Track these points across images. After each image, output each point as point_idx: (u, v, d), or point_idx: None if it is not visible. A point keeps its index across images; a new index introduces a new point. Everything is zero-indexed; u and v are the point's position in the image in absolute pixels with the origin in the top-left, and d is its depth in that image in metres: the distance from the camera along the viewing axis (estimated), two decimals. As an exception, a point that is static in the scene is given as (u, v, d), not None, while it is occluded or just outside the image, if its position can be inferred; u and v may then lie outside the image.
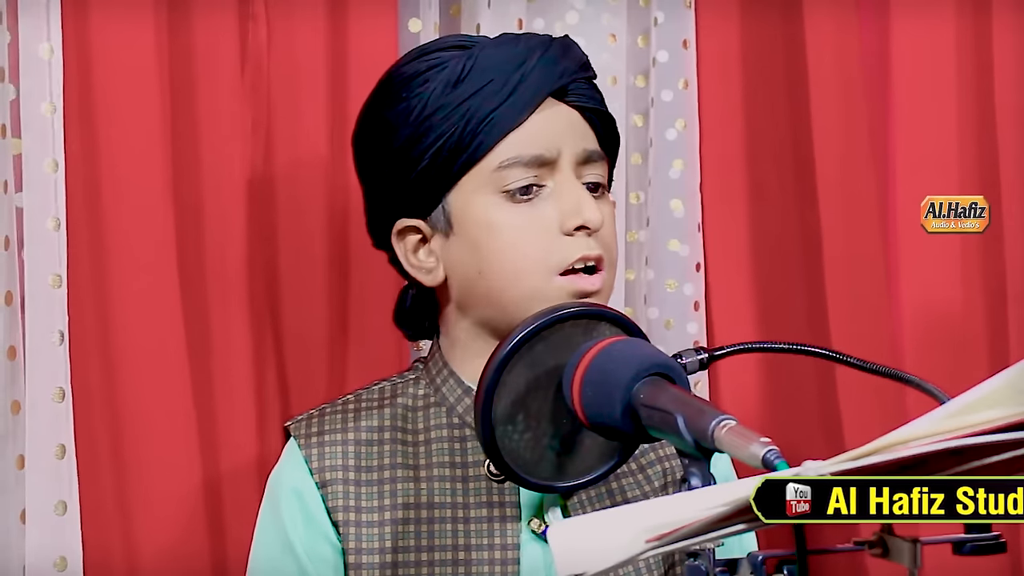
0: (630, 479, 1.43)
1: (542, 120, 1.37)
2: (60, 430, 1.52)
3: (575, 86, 1.41)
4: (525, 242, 1.35)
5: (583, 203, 1.36)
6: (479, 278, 1.37)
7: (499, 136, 1.35)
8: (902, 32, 1.95)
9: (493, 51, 1.38)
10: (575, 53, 1.44)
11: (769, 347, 1.24)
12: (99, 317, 1.60)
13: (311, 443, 1.39)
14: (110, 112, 1.60)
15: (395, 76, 1.41)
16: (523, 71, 1.37)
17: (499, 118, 1.35)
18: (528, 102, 1.36)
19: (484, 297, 1.37)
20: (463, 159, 1.35)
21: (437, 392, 1.42)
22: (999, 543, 0.91)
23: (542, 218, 1.35)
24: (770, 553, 0.88)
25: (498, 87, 1.36)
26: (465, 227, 1.37)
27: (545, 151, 1.36)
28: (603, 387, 1.05)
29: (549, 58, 1.39)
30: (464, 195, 1.37)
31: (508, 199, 1.36)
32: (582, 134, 1.40)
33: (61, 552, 1.51)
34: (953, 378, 1.80)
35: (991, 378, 0.79)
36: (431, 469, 1.39)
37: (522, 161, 1.35)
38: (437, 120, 1.35)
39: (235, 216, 1.68)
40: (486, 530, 1.37)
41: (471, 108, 1.35)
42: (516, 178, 1.35)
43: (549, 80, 1.38)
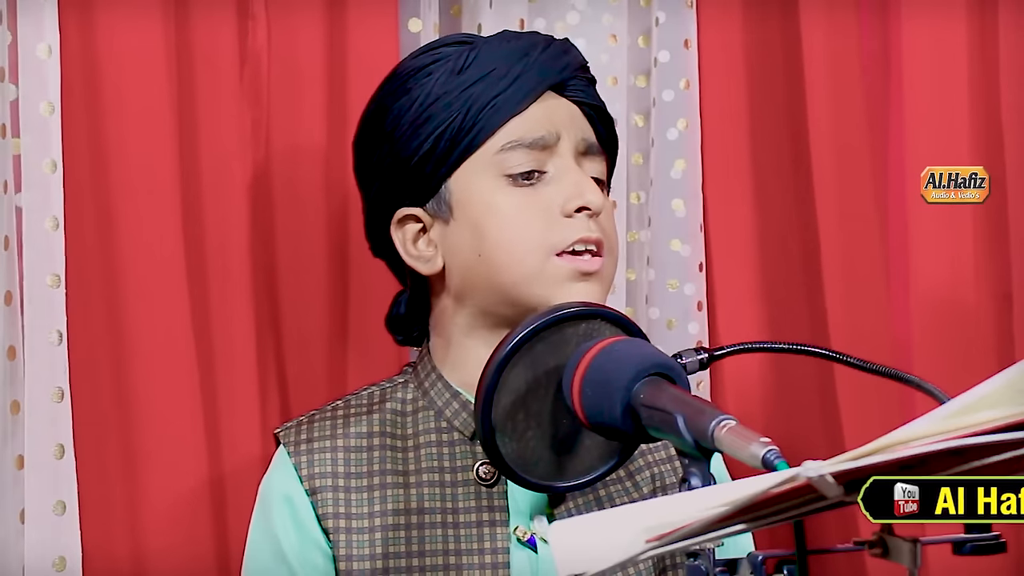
0: (618, 486, 1.42)
1: (542, 108, 1.39)
2: (59, 430, 1.52)
3: (575, 83, 1.42)
4: (525, 222, 1.35)
5: (584, 185, 1.36)
6: (478, 261, 1.37)
7: (501, 121, 1.37)
8: (903, 31, 1.95)
9: (496, 44, 1.40)
10: (575, 54, 1.46)
11: (769, 347, 1.24)
12: (99, 317, 1.60)
13: (300, 450, 1.39)
14: (110, 112, 1.60)
15: (398, 71, 1.43)
16: (525, 63, 1.39)
17: (501, 103, 1.37)
18: (529, 91, 1.38)
19: (483, 280, 1.37)
20: (465, 143, 1.36)
21: (425, 396, 1.42)
22: (999, 543, 0.91)
23: (543, 199, 1.36)
24: (770, 553, 0.88)
25: (500, 75, 1.37)
26: (465, 211, 1.37)
27: (546, 133, 1.37)
28: (603, 387, 1.05)
29: (551, 54, 1.41)
30: (465, 179, 1.37)
31: (510, 183, 1.36)
32: (581, 126, 1.42)
33: (60, 552, 1.51)
34: (958, 376, 1.81)
35: (991, 378, 0.78)
36: (420, 474, 1.38)
37: (524, 143, 1.36)
38: (440, 106, 1.37)
39: (235, 216, 1.68)
40: (476, 535, 1.36)
41: (473, 95, 1.36)
42: (518, 161, 1.36)
43: (550, 73, 1.40)
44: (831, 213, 1.89)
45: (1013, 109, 1.93)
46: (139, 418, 1.60)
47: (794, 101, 1.92)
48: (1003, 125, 1.92)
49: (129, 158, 1.61)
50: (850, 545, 0.91)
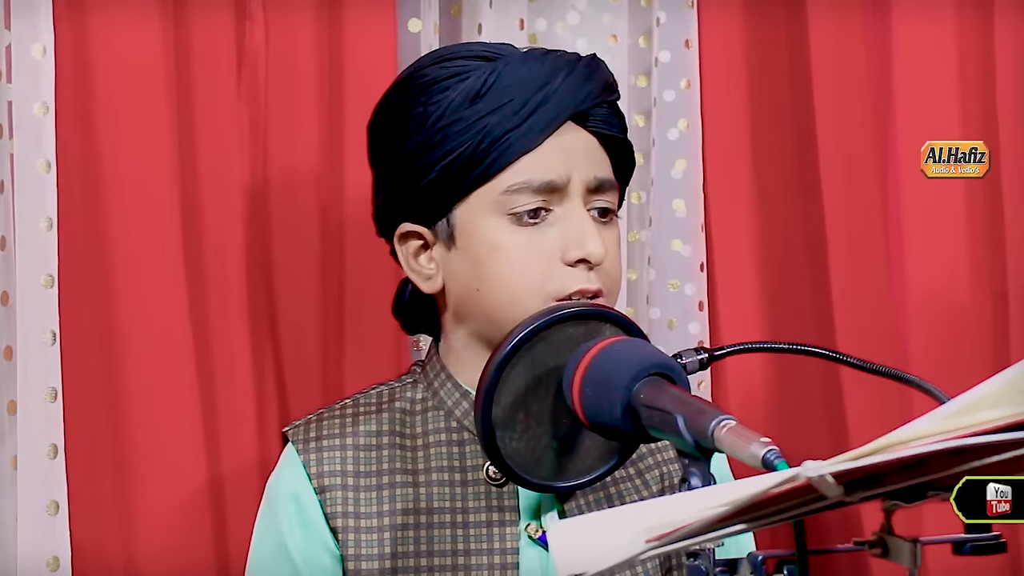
0: (628, 484, 1.42)
1: (557, 145, 1.36)
2: (52, 430, 1.52)
3: (596, 111, 1.39)
4: (525, 266, 1.34)
5: (587, 235, 1.34)
6: (477, 295, 1.36)
7: (512, 158, 1.34)
8: (904, 29, 1.95)
9: (517, 67, 1.36)
10: (601, 74, 1.41)
11: (769, 347, 1.24)
12: (93, 317, 1.60)
13: (309, 448, 1.39)
14: (104, 112, 1.60)
15: (416, 78, 1.39)
16: (546, 92, 1.35)
17: (514, 139, 1.34)
18: (546, 126, 1.35)
19: (481, 313, 1.37)
20: (474, 175, 1.34)
21: (435, 396, 1.42)
22: (999, 543, 0.91)
23: (545, 244, 1.34)
24: (770, 553, 0.88)
25: (517, 107, 1.34)
26: (468, 243, 1.36)
27: (556, 177, 1.35)
28: (603, 387, 1.05)
29: (573, 81, 1.37)
30: (471, 212, 1.36)
31: (514, 221, 1.35)
32: (597, 161, 1.39)
33: (54, 552, 1.50)
34: (957, 373, 1.81)
35: (991, 378, 0.78)
36: (430, 474, 1.38)
37: (532, 187, 1.34)
38: (453, 133, 1.34)
39: (232, 216, 1.68)
40: (485, 534, 1.36)
41: (488, 125, 1.34)
42: (524, 202, 1.34)
43: (571, 104, 1.36)
44: (834, 213, 1.89)
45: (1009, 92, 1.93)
46: (133, 419, 1.60)
47: (799, 100, 1.92)
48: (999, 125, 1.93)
49: (124, 158, 1.61)
50: (850, 545, 0.91)
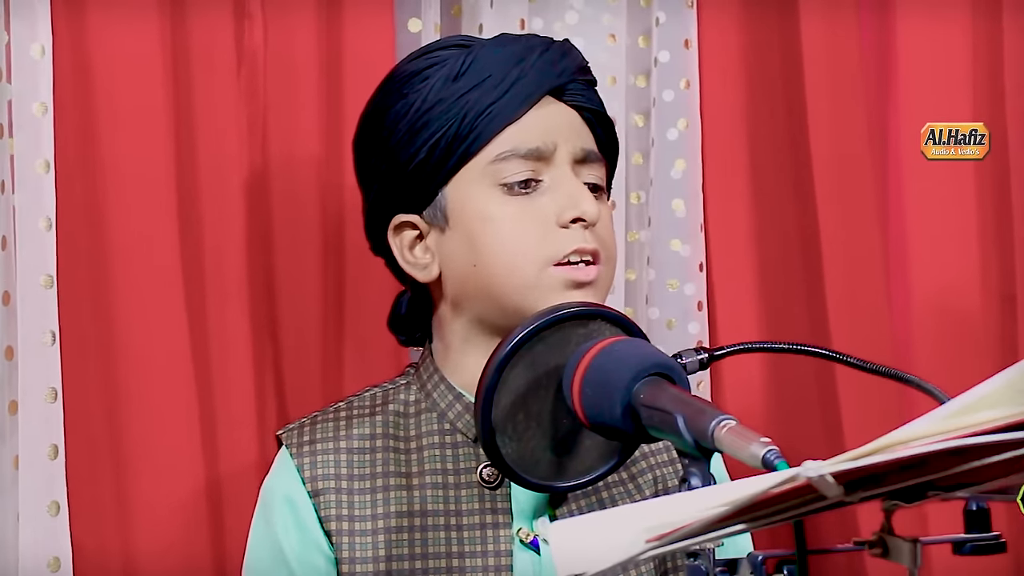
0: (621, 488, 1.42)
1: (539, 116, 1.38)
2: (53, 430, 1.52)
3: (573, 86, 1.41)
4: (520, 233, 1.35)
5: (580, 196, 1.35)
6: (474, 271, 1.36)
7: (496, 129, 1.36)
8: (903, 29, 1.95)
9: (493, 48, 1.39)
10: (575, 56, 1.44)
11: (769, 347, 1.24)
12: (93, 317, 1.60)
13: (303, 452, 1.39)
14: (103, 112, 1.60)
15: (396, 74, 1.42)
16: (522, 68, 1.37)
17: (497, 111, 1.36)
18: (526, 98, 1.37)
19: (479, 290, 1.37)
20: (460, 151, 1.36)
21: (428, 398, 1.42)
22: (999, 543, 0.91)
23: (538, 210, 1.35)
24: (770, 553, 0.88)
25: (496, 82, 1.36)
26: (461, 220, 1.37)
27: (542, 144, 1.36)
28: (603, 387, 1.05)
29: (548, 58, 1.40)
30: (461, 188, 1.37)
31: (505, 192, 1.36)
32: (580, 133, 1.40)
33: (55, 552, 1.51)
34: (961, 373, 1.81)
35: (991, 378, 0.78)
36: (423, 476, 1.38)
37: (519, 153, 1.36)
38: (436, 114, 1.36)
39: (232, 216, 1.68)
40: (479, 537, 1.36)
41: (469, 102, 1.35)
42: (513, 171, 1.35)
43: (548, 78, 1.39)
44: (831, 213, 1.89)
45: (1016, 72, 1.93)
46: (133, 419, 1.60)
47: (794, 101, 1.92)
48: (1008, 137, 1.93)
49: (123, 158, 1.61)
50: (850, 545, 0.91)
